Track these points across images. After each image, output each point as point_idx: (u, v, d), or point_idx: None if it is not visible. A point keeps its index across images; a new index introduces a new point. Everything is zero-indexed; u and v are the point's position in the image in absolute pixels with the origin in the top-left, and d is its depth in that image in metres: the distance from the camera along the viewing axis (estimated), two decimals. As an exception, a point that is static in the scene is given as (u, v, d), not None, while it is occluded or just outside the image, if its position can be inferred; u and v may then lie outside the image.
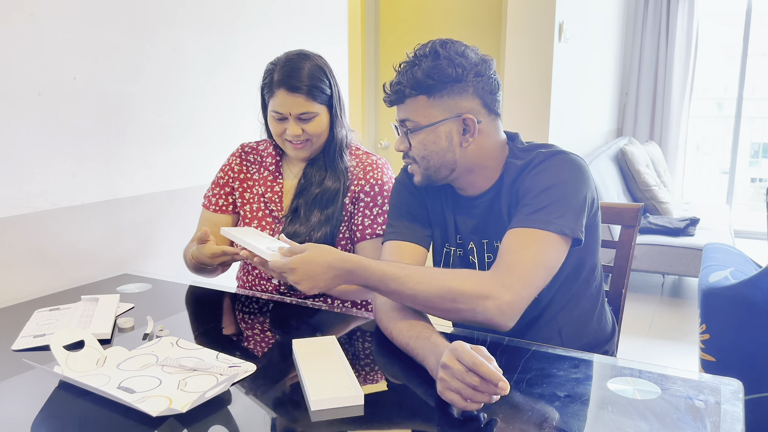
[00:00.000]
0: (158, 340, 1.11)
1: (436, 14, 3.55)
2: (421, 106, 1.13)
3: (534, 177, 1.12)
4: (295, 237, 1.42)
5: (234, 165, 1.55)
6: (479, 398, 0.81)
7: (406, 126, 1.17)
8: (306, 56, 1.41)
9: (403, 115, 1.17)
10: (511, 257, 1.04)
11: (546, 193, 1.08)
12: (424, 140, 1.15)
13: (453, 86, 1.11)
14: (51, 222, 1.51)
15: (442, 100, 1.12)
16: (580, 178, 1.11)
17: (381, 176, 1.48)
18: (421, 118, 1.14)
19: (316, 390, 0.89)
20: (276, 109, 1.39)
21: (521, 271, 1.02)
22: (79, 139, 1.55)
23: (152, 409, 0.83)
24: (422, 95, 1.12)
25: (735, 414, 0.84)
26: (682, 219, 3.79)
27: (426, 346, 0.97)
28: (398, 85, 1.15)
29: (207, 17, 1.88)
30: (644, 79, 5.11)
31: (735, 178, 5.31)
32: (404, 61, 1.16)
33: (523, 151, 1.19)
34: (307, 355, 1.01)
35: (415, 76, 1.11)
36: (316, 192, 1.45)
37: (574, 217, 1.08)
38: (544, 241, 1.05)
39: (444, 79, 1.11)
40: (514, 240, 1.07)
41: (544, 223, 1.06)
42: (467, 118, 1.13)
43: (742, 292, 1.70)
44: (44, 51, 1.45)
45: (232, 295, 1.44)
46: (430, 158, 1.16)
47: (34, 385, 0.97)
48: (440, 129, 1.14)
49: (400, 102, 1.16)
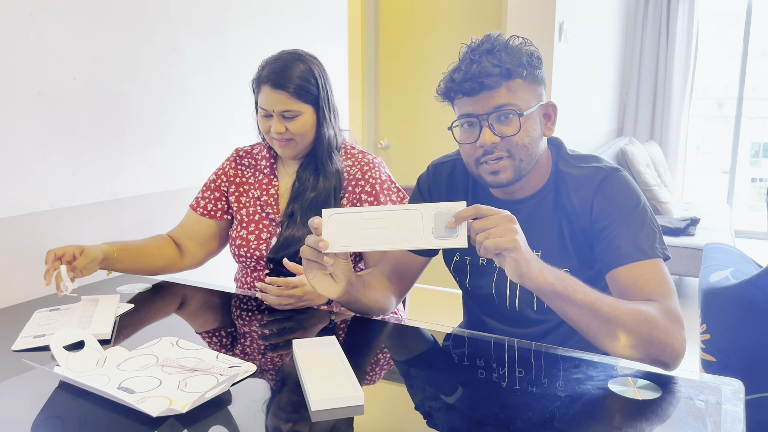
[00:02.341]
0: (158, 340, 1.11)
1: (436, 14, 3.55)
2: (519, 88, 1.07)
3: (614, 201, 1.08)
4: (292, 242, 1.42)
5: (229, 170, 1.55)
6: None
7: (508, 110, 1.06)
8: (298, 56, 1.42)
9: (501, 101, 1.06)
10: (659, 292, 1.01)
11: (638, 220, 1.07)
12: (527, 126, 1.08)
13: (538, 71, 1.10)
14: (51, 222, 1.51)
15: (533, 86, 1.09)
16: (644, 196, 1.12)
17: (379, 175, 1.48)
18: (522, 102, 1.07)
19: (317, 390, 0.89)
20: (261, 105, 1.41)
21: (676, 306, 1.00)
22: (79, 139, 1.55)
23: (152, 410, 0.83)
24: (518, 78, 1.07)
25: (736, 414, 0.84)
26: (683, 219, 3.79)
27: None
28: (497, 67, 1.05)
29: (207, 17, 1.88)
30: (644, 79, 5.11)
31: (735, 177, 5.31)
32: (471, 50, 1.09)
33: (577, 159, 1.16)
34: (307, 356, 1.01)
35: (511, 54, 1.06)
36: (312, 196, 1.45)
37: (662, 237, 1.08)
38: (662, 268, 1.05)
39: (533, 65, 1.08)
40: (644, 273, 1.03)
41: (653, 251, 1.05)
42: (551, 104, 1.12)
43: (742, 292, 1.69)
44: (44, 51, 1.45)
45: (232, 295, 1.43)
46: (530, 147, 1.09)
47: (34, 385, 0.97)
48: (535, 115, 1.10)
49: (496, 87, 1.05)
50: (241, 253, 1.48)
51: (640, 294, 1.02)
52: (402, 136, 3.76)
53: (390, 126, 3.79)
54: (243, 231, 1.49)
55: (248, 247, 1.47)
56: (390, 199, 1.48)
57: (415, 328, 1.20)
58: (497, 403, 0.86)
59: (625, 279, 1.05)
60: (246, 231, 1.48)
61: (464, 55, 1.10)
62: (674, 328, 0.96)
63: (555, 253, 1.15)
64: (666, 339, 0.95)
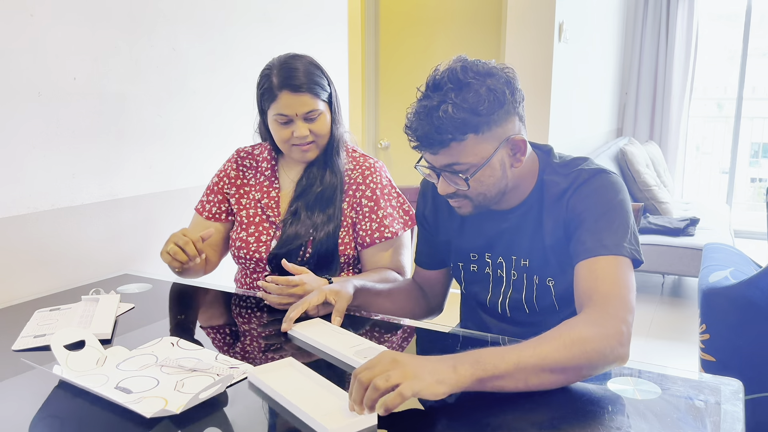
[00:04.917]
0: (159, 340, 1.11)
1: (436, 14, 3.55)
2: (470, 145, 1.03)
3: (587, 198, 1.07)
4: (295, 239, 1.42)
5: (230, 171, 1.55)
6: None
7: (454, 170, 1.06)
8: (298, 56, 1.41)
9: (448, 160, 1.05)
10: (604, 287, 0.97)
11: (607, 217, 1.04)
12: (481, 177, 1.07)
13: (498, 113, 1.03)
14: (51, 222, 1.51)
15: (490, 132, 1.04)
16: (627, 197, 1.09)
17: (380, 179, 1.48)
18: (473, 157, 1.04)
19: (327, 419, 0.81)
20: (281, 111, 1.36)
21: (620, 299, 0.95)
22: (79, 139, 1.55)
23: (147, 410, 0.82)
24: (470, 134, 1.02)
25: (735, 414, 0.84)
26: (682, 219, 3.79)
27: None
28: (437, 133, 1.01)
29: (207, 17, 1.88)
30: (644, 79, 5.11)
31: (735, 178, 5.31)
32: (423, 98, 1.04)
33: (562, 166, 1.14)
34: (275, 382, 0.91)
35: (454, 116, 0.99)
36: (318, 191, 1.44)
37: (636, 239, 1.05)
38: (624, 266, 1.01)
39: (488, 110, 1.01)
40: (596, 269, 1.00)
41: (617, 248, 1.01)
42: (516, 140, 1.06)
43: (742, 292, 1.70)
44: (44, 51, 1.45)
45: (233, 295, 1.43)
46: (488, 192, 1.09)
47: (33, 385, 0.97)
48: (494, 161, 1.06)
49: (442, 147, 1.03)
50: (240, 254, 1.48)
51: (583, 290, 0.99)
52: (402, 136, 3.74)
53: (390, 126, 3.79)
54: (243, 233, 1.49)
55: (248, 249, 1.47)
56: (390, 204, 1.48)
57: (415, 327, 1.20)
58: (497, 403, 0.86)
59: (580, 274, 1.02)
60: (246, 233, 1.48)
61: (414, 108, 1.05)
62: (605, 331, 0.89)
63: (540, 261, 1.16)
64: (601, 346, 0.88)
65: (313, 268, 1.38)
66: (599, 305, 0.95)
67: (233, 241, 1.50)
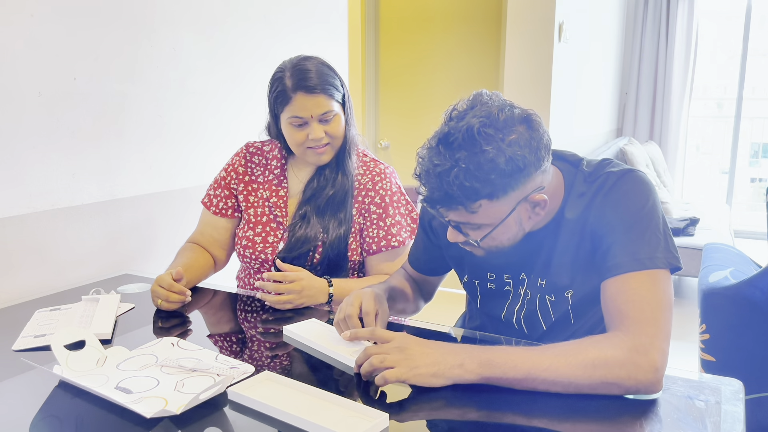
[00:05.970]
0: (159, 340, 1.11)
1: (436, 14, 3.55)
2: (482, 210, 0.95)
3: (617, 206, 0.98)
4: (305, 243, 1.40)
5: (238, 166, 1.52)
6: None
7: (465, 230, 1.00)
8: (309, 57, 1.39)
9: (458, 219, 0.98)
10: (637, 310, 0.91)
11: (638, 226, 0.96)
12: (494, 235, 0.99)
13: (515, 177, 0.93)
14: (51, 222, 1.51)
15: (506, 197, 0.95)
16: (657, 198, 1.00)
17: (390, 186, 1.46)
18: (486, 219, 0.96)
19: (342, 426, 0.80)
20: (296, 114, 1.34)
21: (655, 325, 0.89)
22: (79, 139, 1.55)
23: (147, 410, 0.82)
24: (482, 200, 0.94)
25: (736, 414, 0.84)
26: (682, 219, 3.79)
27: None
28: (447, 196, 0.93)
29: (207, 17, 1.88)
30: (644, 79, 5.11)
31: (735, 178, 5.31)
32: (434, 154, 0.94)
33: (589, 177, 1.04)
34: (275, 397, 0.88)
35: (465, 184, 0.91)
36: (330, 193, 1.42)
37: (671, 243, 0.96)
38: (660, 280, 0.93)
39: (504, 176, 0.92)
40: (629, 289, 0.93)
41: (652, 262, 0.93)
42: (536, 199, 0.97)
43: (742, 292, 1.70)
44: (44, 51, 1.45)
45: (233, 295, 1.43)
46: (501, 245, 1.02)
47: (34, 385, 0.97)
48: (509, 221, 0.98)
49: (452, 210, 0.97)
50: (246, 254, 1.47)
51: (614, 312, 0.93)
52: (402, 136, 3.76)
53: (390, 126, 3.79)
54: (249, 232, 1.47)
55: (254, 249, 1.46)
56: (398, 212, 1.46)
57: (415, 327, 1.20)
58: (498, 403, 0.86)
59: (609, 292, 0.95)
60: (253, 232, 1.47)
61: (424, 160, 0.96)
62: (637, 359, 0.86)
63: (562, 278, 1.08)
64: (628, 374, 0.85)
65: (322, 272, 1.37)
66: (632, 330, 0.89)
67: (239, 239, 1.48)
